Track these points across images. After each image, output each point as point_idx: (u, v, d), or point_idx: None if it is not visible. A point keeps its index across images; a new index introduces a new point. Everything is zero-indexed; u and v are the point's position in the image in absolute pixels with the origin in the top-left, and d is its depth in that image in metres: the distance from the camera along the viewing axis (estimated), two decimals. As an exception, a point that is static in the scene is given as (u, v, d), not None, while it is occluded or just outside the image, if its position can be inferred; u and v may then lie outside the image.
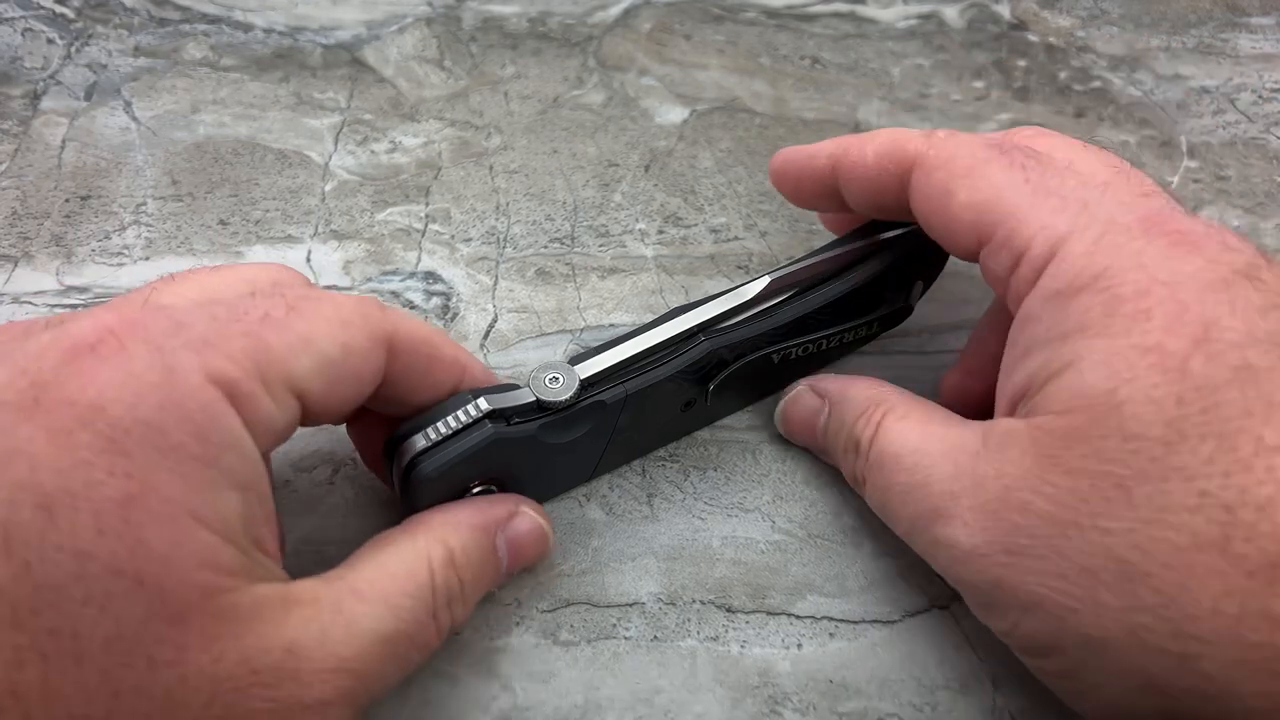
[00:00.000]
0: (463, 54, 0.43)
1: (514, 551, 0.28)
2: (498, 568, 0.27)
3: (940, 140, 0.28)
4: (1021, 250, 0.25)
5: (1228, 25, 0.46)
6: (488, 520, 0.27)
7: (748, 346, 0.30)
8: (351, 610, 0.23)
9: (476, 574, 0.26)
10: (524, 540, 0.28)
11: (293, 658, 0.21)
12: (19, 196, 0.39)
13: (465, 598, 0.26)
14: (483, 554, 0.26)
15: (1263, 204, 0.41)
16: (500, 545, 0.27)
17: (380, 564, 0.25)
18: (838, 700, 0.29)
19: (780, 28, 0.45)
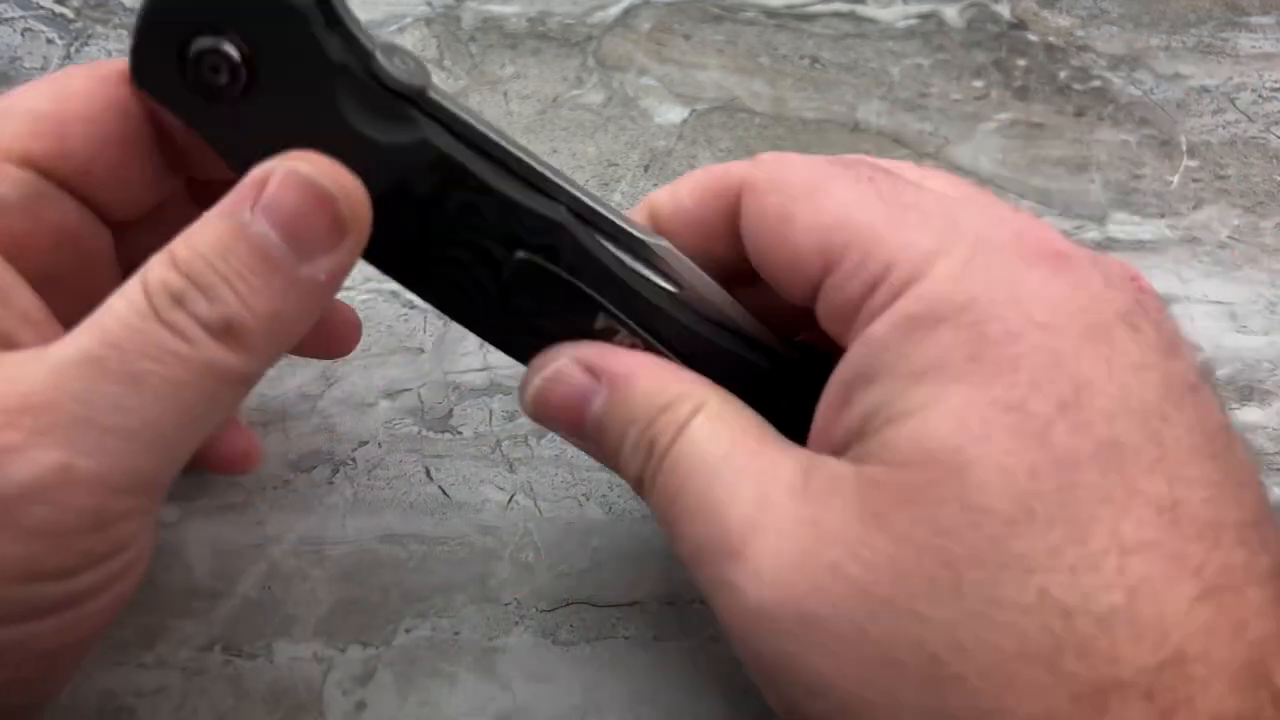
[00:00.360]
0: (462, 54, 0.43)
1: (278, 219, 0.20)
2: (260, 246, 0.20)
3: (769, 161, 0.24)
4: (879, 275, 0.21)
5: (1228, 25, 0.46)
6: (225, 204, 0.21)
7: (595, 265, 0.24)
8: (50, 350, 0.20)
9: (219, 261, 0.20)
10: (283, 203, 0.20)
11: None
12: (18, 196, 0.39)
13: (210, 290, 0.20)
14: (219, 240, 0.20)
15: (1263, 203, 0.41)
16: (255, 221, 0.20)
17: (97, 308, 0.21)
18: (837, 700, 0.29)
19: (780, 27, 0.45)
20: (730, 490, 0.21)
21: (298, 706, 0.28)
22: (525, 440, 0.33)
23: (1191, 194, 0.41)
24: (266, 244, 0.20)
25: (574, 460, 0.33)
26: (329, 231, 0.21)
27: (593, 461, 0.33)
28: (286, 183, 0.20)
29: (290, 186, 0.21)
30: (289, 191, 0.21)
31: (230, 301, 0.20)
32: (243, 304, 0.20)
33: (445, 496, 0.32)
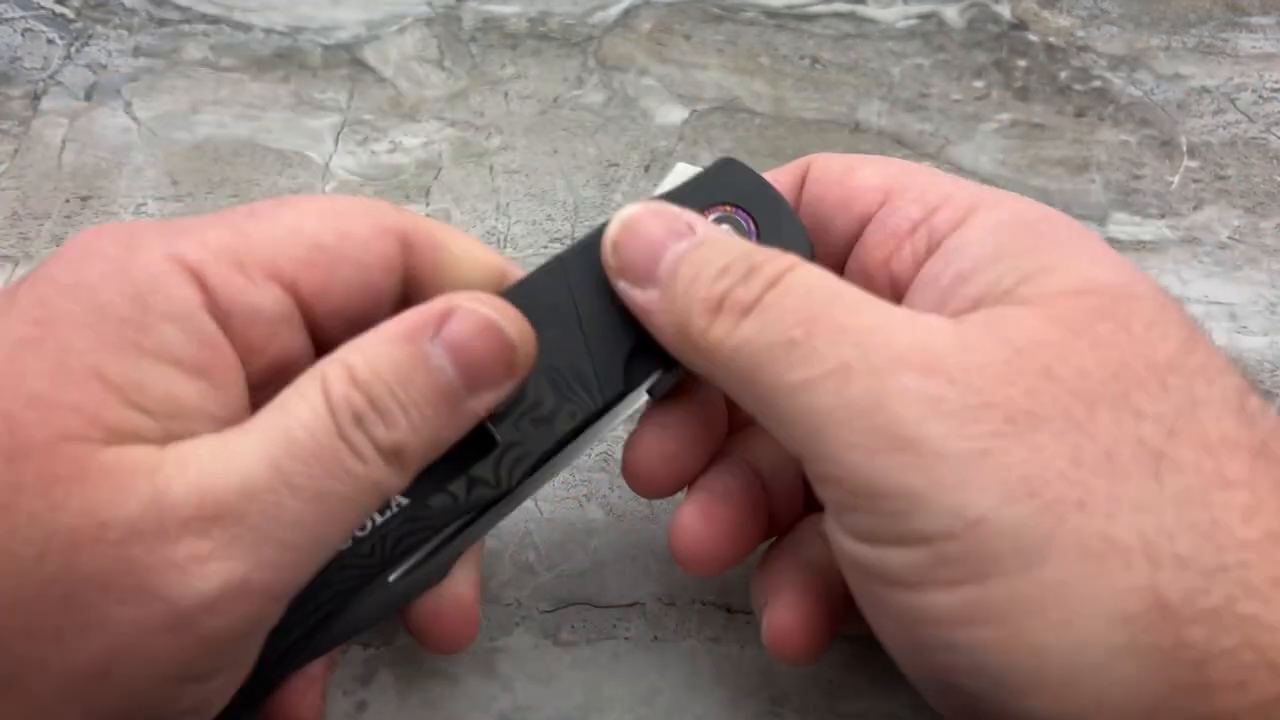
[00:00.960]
0: (463, 54, 0.44)
1: (459, 357, 0.22)
2: (438, 379, 0.21)
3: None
4: (937, 203, 0.24)
5: (1228, 25, 0.46)
6: (407, 327, 0.22)
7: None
8: (234, 446, 0.20)
9: (395, 388, 0.21)
10: (466, 340, 0.22)
11: (154, 509, 0.19)
12: (19, 197, 0.39)
13: (386, 416, 0.21)
14: (400, 365, 0.21)
15: (1263, 204, 0.41)
16: (435, 353, 0.21)
17: (272, 403, 0.21)
18: (838, 700, 0.29)
19: (780, 28, 0.45)
20: (886, 319, 0.21)
21: (299, 707, 0.28)
22: (526, 441, 0.33)
23: (1192, 194, 0.41)
24: (444, 378, 0.21)
25: (574, 461, 0.33)
26: (501, 374, 0.22)
27: (594, 463, 0.33)
28: (474, 324, 0.22)
29: (478, 329, 0.22)
30: (475, 333, 0.22)
31: (403, 428, 0.21)
32: (413, 431, 0.21)
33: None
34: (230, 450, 0.20)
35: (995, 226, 0.23)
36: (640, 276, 0.23)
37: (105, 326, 0.19)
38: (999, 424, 0.19)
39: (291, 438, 0.20)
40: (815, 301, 0.21)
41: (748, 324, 0.21)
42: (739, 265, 0.22)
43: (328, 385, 0.21)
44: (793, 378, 0.20)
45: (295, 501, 0.20)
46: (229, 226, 0.22)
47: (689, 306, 0.22)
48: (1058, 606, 0.18)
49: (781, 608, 0.25)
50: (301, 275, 0.22)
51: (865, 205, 0.25)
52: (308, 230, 0.22)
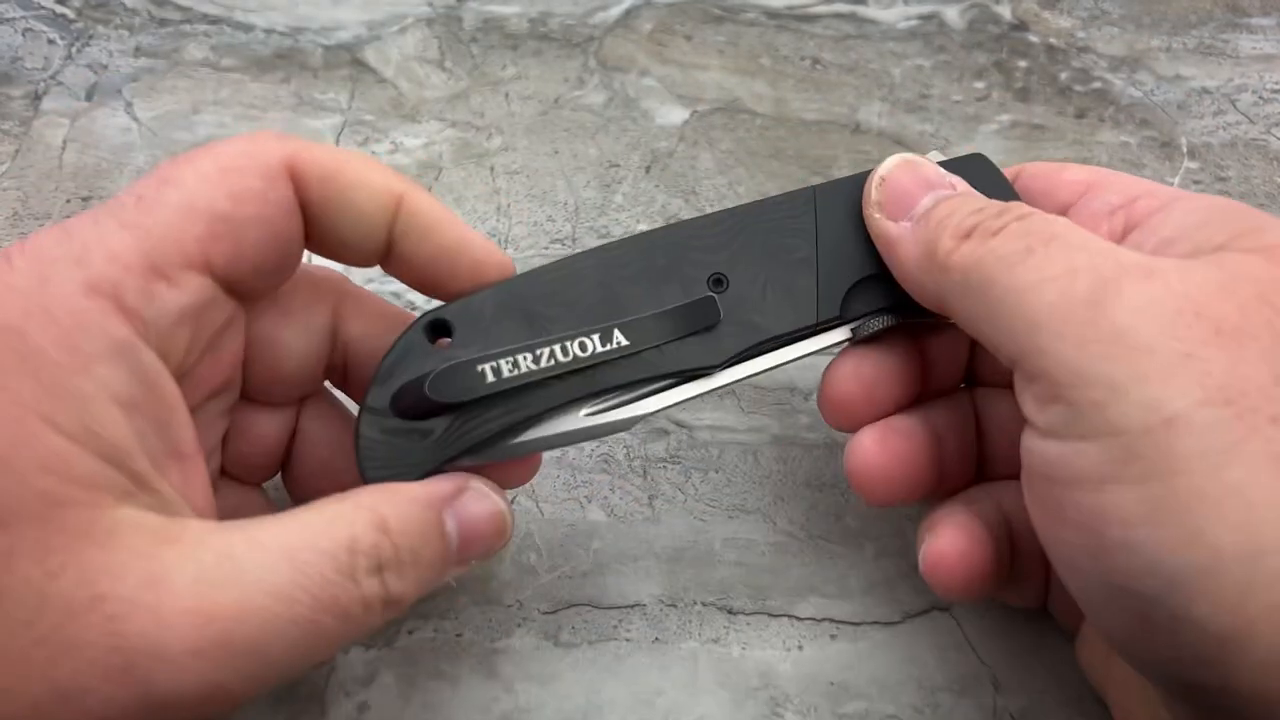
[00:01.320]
0: (463, 55, 0.43)
1: (465, 533, 0.24)
2: (444, 548, 0.23)
3: None
4: (1139, 193, 0.25)
5: (1228, 26, 0.46)
6: (432, 494, 0.24)
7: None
8: (244, 557, 0.20)
9: (416, 547, 0.23)
10: (476, 522, 0.24)
11: (152, 591, 0.19)
12: (20, 197, 0.39)
13: (401, 569, 0.22)
14: (424, 527, 0.23)
15: (1263, 205, 0.41)
16: (449, 524, 0.24)
17: (295, 518, 0.21)
18: (839, 702, 0.29)
19: (781, 28, 0.45)
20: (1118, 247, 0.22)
21: (300, 708, 0.28)
22: (527, 442, 0.33)
23: (1192, 195, 0.41)
24: (451, 546, 0.24)
25: (575, 462, 0.33)
26: (489, 548, 0.25)
27: (594, 464, 0.33)
28: (487, 510, 0.24)
29: (489, 514, 0.24)
30: (486, 517, 0.24)
31: (410, 583, 0.22)
32: (415, 586, 0.23)
33: (447, 498, 0.32)
34: (237, 558, 0.20)
35: (1197, 208, 0.24)
36: (899, 210, 0.26)
37: (45, 374, 0.19)
38: (1208, 333, 0.20)
39: (303, 569, 0.20)
40: (1055, 226, 0.23)
41: (994, 240, 0.23)
42: (993, 208, 0.24)
43: (356, 529, 0.21)
44: (1025, 278, 0.22)
45: (293, 630, 0.20)
46: (127, 226, 0.21)
47: (940, 233, 0.24)
48: (1240, 509, 0.19)
49: (943, 538, 0.27)
50: (211, 251, 0.22)
51: (1068, 194, 0.27)
52: (201, 204, 0.22)
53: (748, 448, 0.34)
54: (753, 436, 0.34)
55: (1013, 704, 0.29)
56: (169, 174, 0.22)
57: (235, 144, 0.23)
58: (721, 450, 0.34)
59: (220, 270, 0.22)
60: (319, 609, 0.20)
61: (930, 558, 0.27)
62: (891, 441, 0.27)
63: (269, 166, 0.23)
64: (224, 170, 0.22)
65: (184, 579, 0.19)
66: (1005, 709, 0.29)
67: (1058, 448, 0.21)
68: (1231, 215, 0.23)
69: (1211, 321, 0.20)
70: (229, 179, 0.22)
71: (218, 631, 0.19)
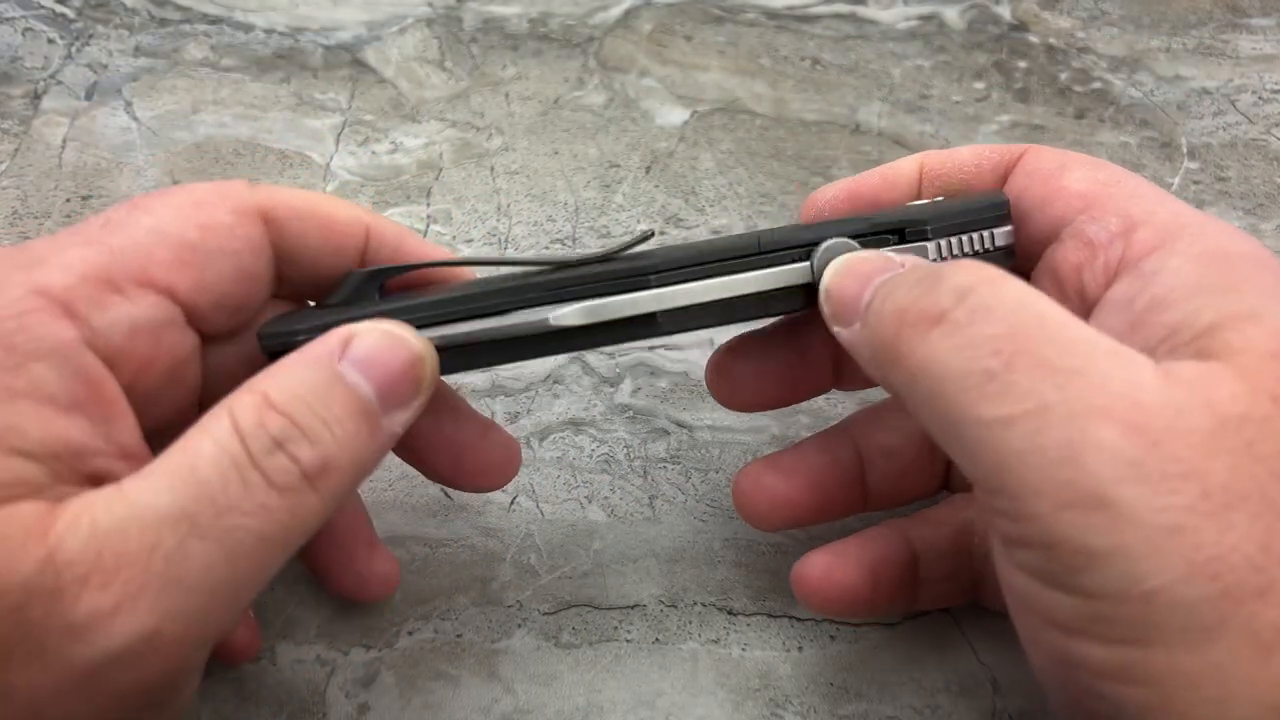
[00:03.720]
0: (464, 55, 0.43)
1: (374, 376, 0.22)
2: (356, 399, 0.21)
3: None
4: (1140, 218, 0.23)
5: (1228, 26, 0.46)
6: (315, 353, 0.22)
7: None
8: (132, 492, 0.19)
9: (315, 407, 0.21)
10: (375, 356, 0.22)
11: (48, 568, 0.18)
12: (19, 196, 0.39)
13: (311, 435, 0.20)
14: (316, 385, 0.21)
15: (1263, 205, 0.41)
16: (348, 374, 0.21)
17: (176, 443, 0.20)
18: (838, 703, 0.29)
19: (781, 29, 0.45)
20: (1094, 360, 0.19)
21: (301, 709, 0.28)
22: (527, 442, 0.33)
23: (1192, 196, 0.41)
24: (361, 395, 0.21)
25: (575, 462, 0.33)
26: (411, 388, 0.22)
27: (595, 464, 0.33)
28: (379, 340, 0.22)
29: (383, 344, 0.22)
30: (382, 348, 0.22)
31: (330, 444, 0.21)
32: (340, 449, 0.21)
33: (447, 499, 0.32)
34: (127, 499, 0.19)
35: (1197, 256, 0.22)
36: (848, 315, 0.23)
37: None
38: (1195, 498, 0.18)
39: (196, 478, 0.19)
40: (1017, 328, 0.20)
41: (939, 338, 0.20)
42: (929, 276, 0.21)
43: (237, 416, 0.20)
44: (986, 412, 0.19)
45: (203, 545, 0.19)
46: (89, 243, 0.21)
47: (881, 321, 0.22)
48: (1216, 686, 0.18)
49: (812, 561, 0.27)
50: (174, 277, 0.22)
51: (1065, 208, 0.25)
52: (170, 230, 0.22)
53: (748, 448, 0.34)
54: (753, 436, 0.34)
55: (1011, 705, 0.29)
56: (141, 202, 0.22)
57: (209, 184, 0.23)
58: (722, 450, 0.34)
59: (183, 296, 0.22)
60: (230, 510, 0.19)
61: (794, 576, 0.28)
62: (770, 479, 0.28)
63: (241, 204, 0.23)
64: (197, 204, 0.23)
65: (77, 544, 0.18)
66: (1004, 710, 0.29)
67: (1028, 583, 0.20)
68: (1225, 282, 0.21)
69: (1199, 483, 0.18)
70: (201, 211, 0.23)
71: (125, 585, 0.18)
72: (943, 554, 0.28)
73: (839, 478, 0.28)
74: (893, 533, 0.28)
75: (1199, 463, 0.18)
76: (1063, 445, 0.19)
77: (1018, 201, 0.26)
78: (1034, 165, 0.26)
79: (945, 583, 0.28)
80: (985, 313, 0.20)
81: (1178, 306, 0.21)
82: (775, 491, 0.28)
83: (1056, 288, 0.25)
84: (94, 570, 0.18)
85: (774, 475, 0.28)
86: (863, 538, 0.28)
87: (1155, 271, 0.22)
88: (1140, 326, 0.21)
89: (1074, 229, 0.24)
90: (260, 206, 0.23)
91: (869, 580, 0.27)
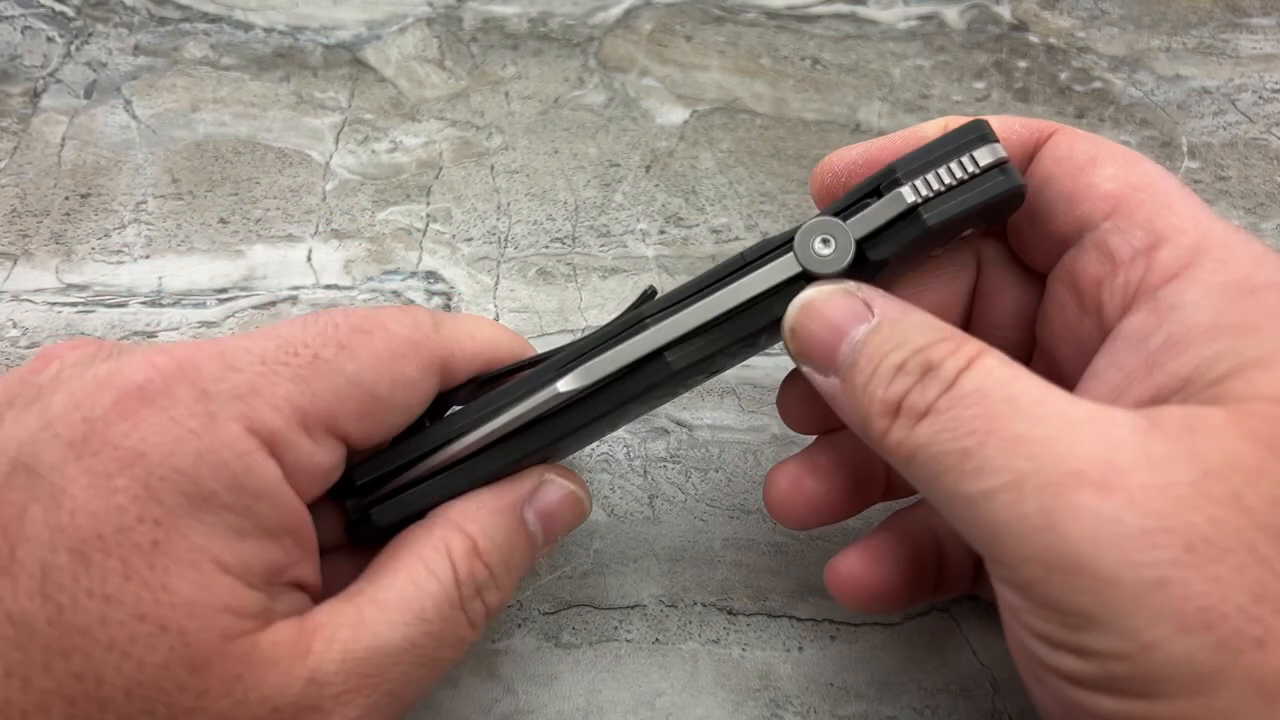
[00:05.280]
0: (463, 54, 0.43)
1: (547, 524, 0.26)
2: (530, 545, 0.26)
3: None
4: (1166, 234, 0.22)
5: (1228, 26, 0.46)
6: (511, 499, 0.25)
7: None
8: (373, 622, 0.22)
9: (506, 556, 0.25)
10: (555, 510, 0.26)
11: (314, 687, 0.21)
12: (19, 194, 0.39)
13: (499, 583, 0.25)
14: (510, 535, 0.25)
15: (1263, 204, 0.41)
16: (530, 520, 0.26)
17: (399, 567, 0.24)
18: (838, 703, 0.29)
19: (781, 29, 0.45)
20: (1063, 431, 0.20)
21: (300, 708, 0.28)
22: (527, 442, 0.33)
23: (1192, 196, 0.41)
24: (536, 542, 0.26)
25: (575, 462, 0.33)
26: (570, 526, 0.27)
27: (595, 463, 0.33)
28: (562, 495, 0.26)
29: (565, 500, 0.26)
30: (563, 505, 0.26)
31: (507, 590, 0.25)
32: (510, 592, 0.25)
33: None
34: (369, 628, 0.22)
35: (1218, 291, 0.21)
36: (822, 364, 0.24)
37: (212, 517, 0.21)
38: (1177, 551, 0.18)
39: (424, 617, 0.23)
40: (990, 408, 0.20)
41: (924, 428, 0.21)
42: (915, 363, 0.22)
43: (455, 560, 0.24)
44: (968, 488, 0.20)
45: (420, 669, 0.23)
46: (296, 380, 0.22)
47: (869, 407, 0.22)
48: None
49: (847, 557, 0.27)
50: (355, 427, 0.23)
51: (1092, 210, 0.24)
52: (367, 383, 0.23)
53: (748, 448, 0.34)
54: (753, 436, 0.34)
55: (1011, 706, 0.29)
56: (348, 342, 0.23)
57: (406, 329, 0.24)
58: (721, 450, 0.34)
59: (354, 441, 0.24)
60: (441, 645, 0.23)
61: (828, 575, 0.27)
62: (805, 480, 0.28)
63: (430, 359, 0.25)
64: (395, 357, 0.24)
65: (332, 665, 0.21)
66: (1004, 710, 0.29)
67: (1035, 644, 0.20)
68: (1245, 323, 0.21)
69: (1180, 536, 0.18)
70: (395, 366, 0.24)
71: (365, 700, 0.22)
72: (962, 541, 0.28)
73: (867, 471, 0.28)
74: (917, 524, 0.28)
75: (1178, 516, 0.18)
76: (1039, 513, 0.19)
77: (1042, 192, 0.25)
78: (1064, 152, 0.25)
79: (964, 568, 0.28)
80: (960, 398, 0.21)
81: (1193, 351, 0.21)
82: (814, 493, 0.28)
83: (1075, 299, 0.24)
84: (344, 689, 0.21)
85: (811, 476, 0.28)
86: (892, 532, 0.28)
87: (1173, 306, 0.22)
88: (1156, 369, 0.21)
89: (1097, 237, 0.24)
90: (441, 359, 0.25)
91: (906, 575, 0.27)
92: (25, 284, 0.36)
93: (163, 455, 0.20)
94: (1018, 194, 0.24)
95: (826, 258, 0.24)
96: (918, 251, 0.25)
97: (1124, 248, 0.23)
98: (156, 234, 0.38)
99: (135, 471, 0.20)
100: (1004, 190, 0.23)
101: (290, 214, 0.39)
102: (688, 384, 0.27)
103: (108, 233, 0.38)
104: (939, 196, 0.23)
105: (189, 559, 0.20)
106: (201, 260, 0.37)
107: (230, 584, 0.21)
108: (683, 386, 0.27)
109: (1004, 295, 0.27)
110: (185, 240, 0.38)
